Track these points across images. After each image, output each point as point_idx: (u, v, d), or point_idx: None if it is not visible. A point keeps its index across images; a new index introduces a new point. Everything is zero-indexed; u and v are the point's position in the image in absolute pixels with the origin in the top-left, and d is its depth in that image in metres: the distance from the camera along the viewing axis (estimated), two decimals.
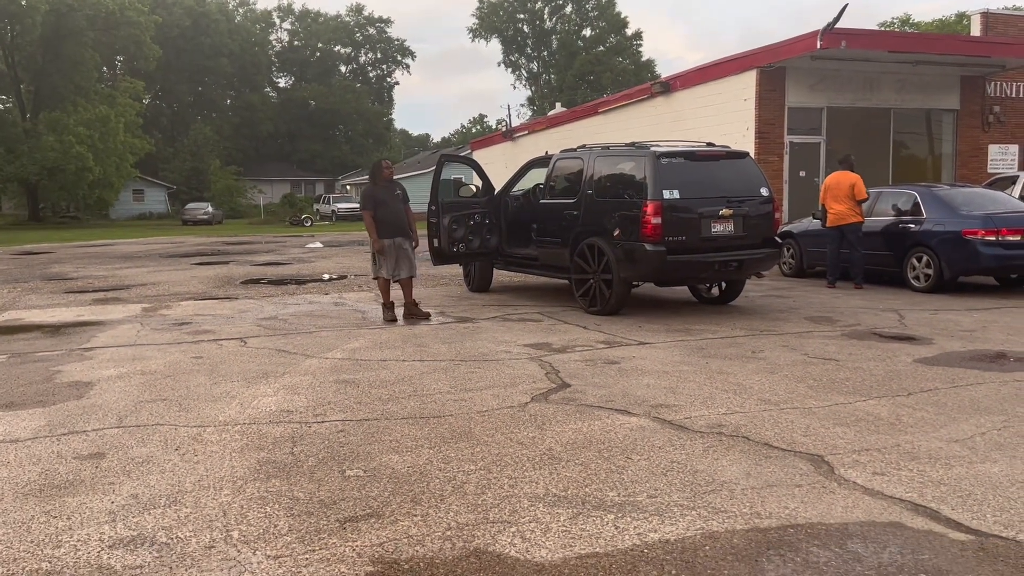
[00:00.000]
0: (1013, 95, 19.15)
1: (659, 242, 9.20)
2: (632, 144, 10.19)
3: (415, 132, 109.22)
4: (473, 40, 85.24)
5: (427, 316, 9.97)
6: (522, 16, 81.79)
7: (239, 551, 3.52)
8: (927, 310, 10.11)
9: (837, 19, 14.83)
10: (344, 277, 15.23)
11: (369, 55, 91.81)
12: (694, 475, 4.39)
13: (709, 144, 10.47)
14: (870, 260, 12.46)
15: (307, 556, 3.47)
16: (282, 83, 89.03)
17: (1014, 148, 19.41)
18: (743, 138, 16.71)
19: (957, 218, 11.50)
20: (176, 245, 27.69)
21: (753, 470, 4.46)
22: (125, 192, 57.92)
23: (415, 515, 3.89)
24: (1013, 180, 14.48)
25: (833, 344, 8.03)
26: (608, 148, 10.45)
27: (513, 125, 36.40)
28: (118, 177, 51.34)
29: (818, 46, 15.16)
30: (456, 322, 9.72)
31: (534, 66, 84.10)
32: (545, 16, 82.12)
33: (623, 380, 6.58)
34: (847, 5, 14.71)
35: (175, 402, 6.05)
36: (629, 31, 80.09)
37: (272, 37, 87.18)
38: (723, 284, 10.71)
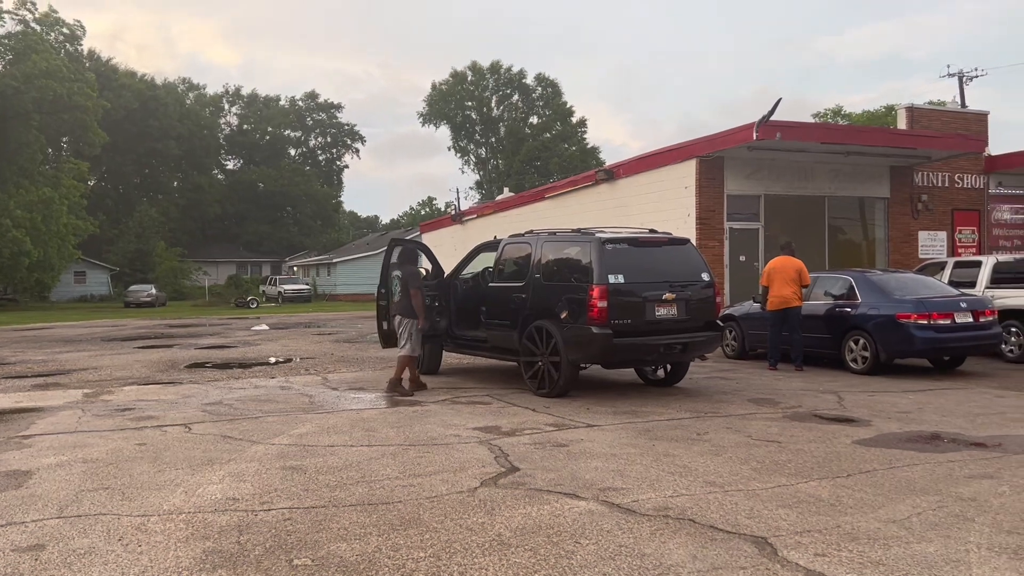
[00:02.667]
0: (939, 184, 20.17)
1: (605, 325, 9.40)
2: (578, 230, 10.48)
3: (364, 214, 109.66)
4: (423, 125, 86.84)
5: (412, 393, 10.45)
6: (470, 104, 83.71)
7: None
8: (865, 392, 10.41)
9: (772, 112, 15.56)
10: (290, 360, 15.11)
11: (319, 139, 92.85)
12: (642, 559, 4.44)
13: (651, 231, 10.81)
14: (809, 343, 12.82)
15: None
16: (230, 165, 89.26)
17: (942, 234, 20.34)
18: (685, 224, 17.22)
19: (891, 302, 11.95)
20: (118, 328, 27.17)
21: (699, 553, 4.53)
22: (67, 274, 56.88)
23: None
24: (942, 266, 15.12)
25: (775, 426, 8.22)
26: (555, 234, 10.72)
27: (462, 208, 36.93)
28: (60, 259, 50.46)
29: (754, 137, 15.85)
30: (405, 405, 9.70)
31: (482, 151, 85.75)
32: (493, 104, 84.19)
33: (572, 463, 6.64)
34: (780, 99, 15.51)
35: (118, 491, 5.92)
36: (574, 119, 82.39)
37: (222, 120, 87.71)
38: (668, 366, 10.91)
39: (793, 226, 18.69)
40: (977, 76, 37.76)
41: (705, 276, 10.26)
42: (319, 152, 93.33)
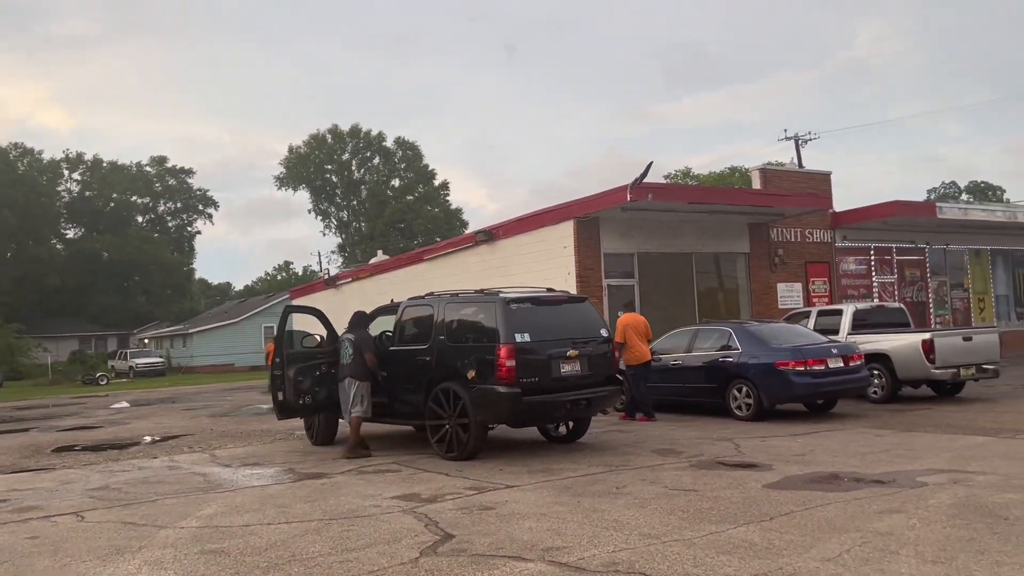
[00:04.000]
0: (792, 239, 21.62)
1: (514, 384, 9.47)
2: (480, 291, 10.57)
3: (215, 281, 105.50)
4: (280, 189, 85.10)
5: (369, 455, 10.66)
6: (330, 167, 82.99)
7: None
8: (756, 437, 10.90)
9: (644, 175, 16.33)
10: (169, 438, 14.28)
11: (169, 204, 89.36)
12: None
13: (550, 290, 11.04)
14: (693, 392, 13.38)
15: None
16: (71, 234, 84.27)
17: (798, 285, 21.74)
18: (565, 282, 17.65)
19: (769, 351, 12.65)
20: None
21: None
22: None
23: None
24: (807, 314, 16.15)
25: (687, 475, 8.47)
26: (457, 295, 10.76)
27: (332, 272, 36.32)
28: None
29: (628, 199, 16.54)
30: (311, 478, 9.37)
31: (344, 214, 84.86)
32: (353, 167, 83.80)
33: (505, 526, 6.60)
34: (652, 163, 16.36)
35: None
36: (436, 181, 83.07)
37: (61, 187, 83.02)
38: (570, 423, 11.06)
39: (664, 282, 19.55)
40: (811, 139, 40.97)
41: (603, 332, 10.55)
42: (169, 218, 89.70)
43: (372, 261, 29.23)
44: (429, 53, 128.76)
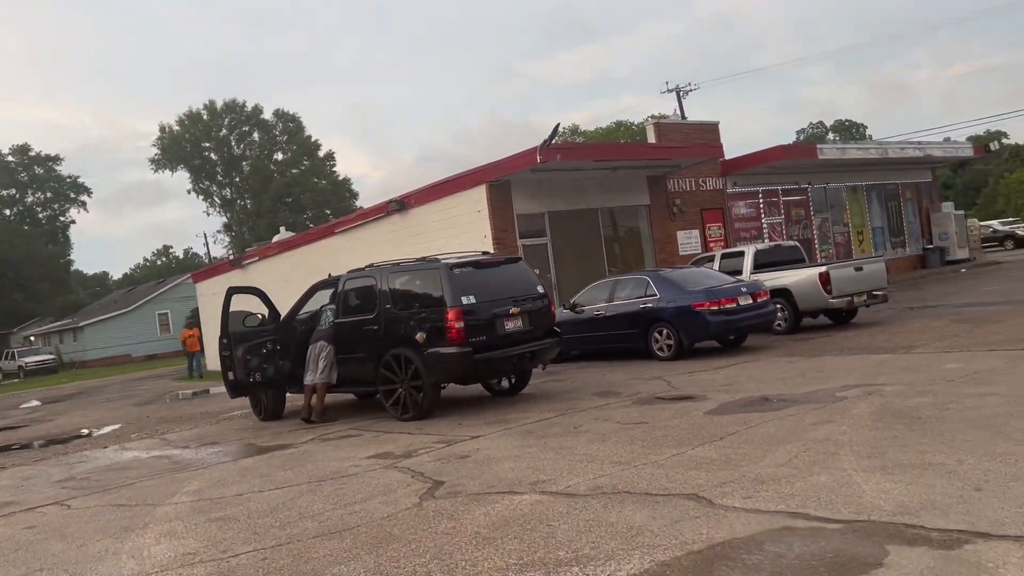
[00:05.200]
0: (688, 189, 22.80)
1: (465, 343, 10.06)
2: (422, 259, 11.05)
3: (90, 271, 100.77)
4: (156, 171, 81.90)
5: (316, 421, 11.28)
6: (208, 144, 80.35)
7: None
8: (683, 374, 11.85)
9: (552, 137, 17.00)
10: (107, 427, 14.24)
11: (38, 195, 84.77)
12: (613, 526, 5.17)
13: (485, 253, 11.62)
14: (619, 339, 14.28)
15: None
16: None
17: (695, 232, 22.99)
18: (482, 245, 18.22)
19: (685, 294, 13.62)
20: None
21: (654, 513, 5.33)
22: None
23: None
24: (711, 258, 17.29)
25: (633, 411, 9.29)
26: (398, 264, 11.21)
27: (220, 254, 35.68)
28: None
29: (538, 161, 17.19)
30: (277, 449, 9.74)
31: (227, 192, 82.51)
32: (233, 143, 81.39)
33: (487, 469, 7.23)
34: (559, 124, 17.02)
35: (59, 569, 5.70)
36: (321, 153, 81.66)
37: None
38: (512, 377, 11.74)
39: (575, 238, 20.39)
40: (691, 90, 42.56)
41: (540, 289, 11.23)
42: (39, 209, 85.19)
43: (276, 238, 29.01)
44: (298, 18, 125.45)
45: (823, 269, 14.91)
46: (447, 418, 10.39)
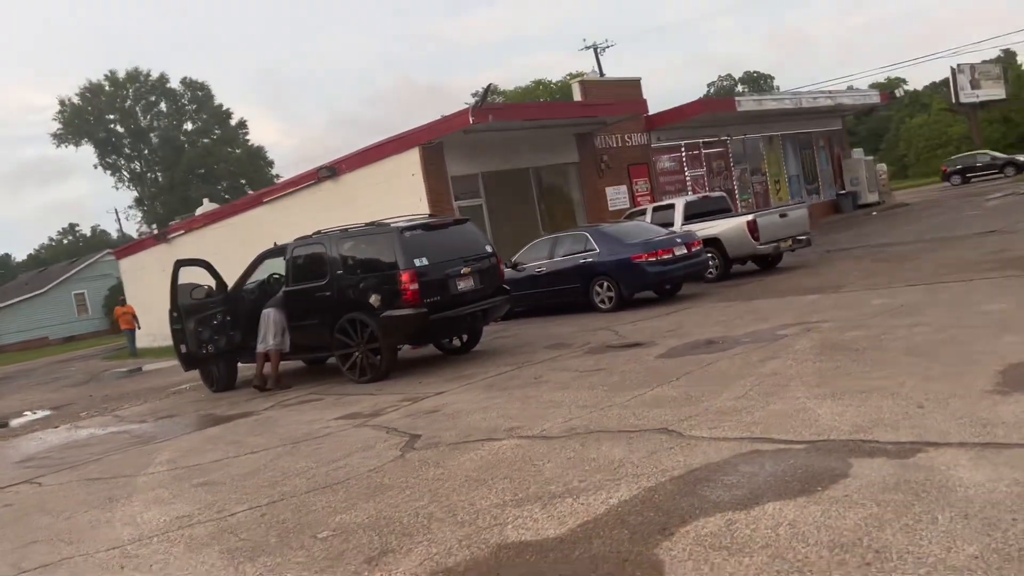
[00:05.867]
0: (615, 145, 23.26)
1: (420, 305, 10.30)
2: (372, 223, 11.18)
3: None
4: (59, 147, 78.43)
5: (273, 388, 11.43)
6: (112, 116, 77.33)
7: None
8: (628, 323, 12.34)
9: (484, 98, 17.20)
10: (53, 410, 14.02)
11: None
12: (594, 462, 5.56)
13: (431, 215, 11.81)
14: (562, 294, 14.68)
15: None
16: None
17: (623, 188, 23.50)
18: (418, 208, 18.27)
19: (624, 247, 14.09)
20: None
21: (631, 447, 5.74)
22: None
23: (424, 539, 4.58)
24: (643, 211, 17.81)
25: (588, 360, 9.71)
26: (347, 230, 11.32)
27: (160, 228, 34.80)
28: None
29: (470, 122, 17.35)
30: (240, 418, 9.86)
31: (136, 165, 79.77)
32: (139, 114, 78.52)
33: (459, 421, 7.55)
34: (491, 84, 17.22)
35: (56, 539, 5.80)
36: (233, 121, 79.50)
37: None
38: (464, 336, 12.04)
39: (508, 198, 20.68)
40: (608, 47, 42.95)
41: (488, 248, 11.52)
42: None
43: (200, 211, 28.44)
44: None
45: (751, 217, 15.58)
46: (405, 379, 10.64)
